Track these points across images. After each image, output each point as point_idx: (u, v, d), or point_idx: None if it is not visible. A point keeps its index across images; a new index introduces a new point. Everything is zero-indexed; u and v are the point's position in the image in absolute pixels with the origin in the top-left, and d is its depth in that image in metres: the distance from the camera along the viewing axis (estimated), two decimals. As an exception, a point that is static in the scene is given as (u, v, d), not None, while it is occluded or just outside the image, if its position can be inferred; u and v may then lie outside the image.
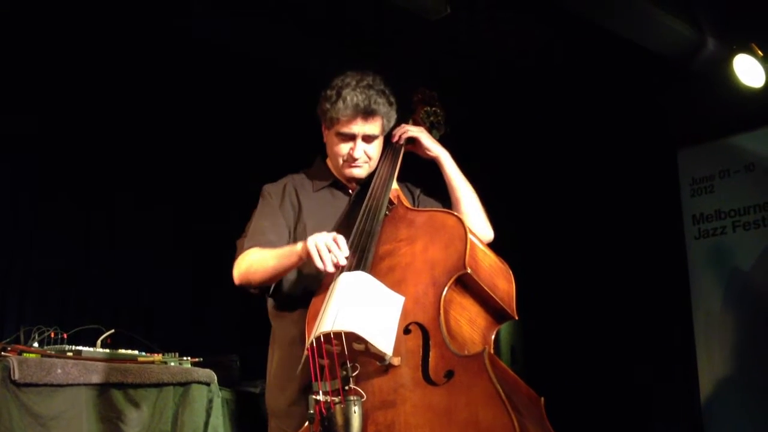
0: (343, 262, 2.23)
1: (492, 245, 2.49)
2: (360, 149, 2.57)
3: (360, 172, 2.63)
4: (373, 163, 2.64)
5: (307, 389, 2.19)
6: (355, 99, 2.50)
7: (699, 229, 5.63)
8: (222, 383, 3.84)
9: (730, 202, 5.49)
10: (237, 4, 4.61)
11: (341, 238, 2.25)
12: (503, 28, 4.98)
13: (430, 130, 2.82)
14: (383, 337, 2.11)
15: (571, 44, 5.09)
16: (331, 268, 2.22)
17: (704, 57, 4.90)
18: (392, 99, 2.59)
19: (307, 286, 2.46)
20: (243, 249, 2.52)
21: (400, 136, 2.73)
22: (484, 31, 4.98)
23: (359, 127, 2.54)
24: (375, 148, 2.61)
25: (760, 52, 4.72)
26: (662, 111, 5.56)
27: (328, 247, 2.22)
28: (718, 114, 5.32)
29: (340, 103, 2.50)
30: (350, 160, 2.59)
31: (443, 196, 2.72)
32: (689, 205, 5.70)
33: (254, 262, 2.45)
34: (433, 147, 2.71)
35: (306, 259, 2.29)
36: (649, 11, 4.64)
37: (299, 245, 2.32)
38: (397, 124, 2.74)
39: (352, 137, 2.56)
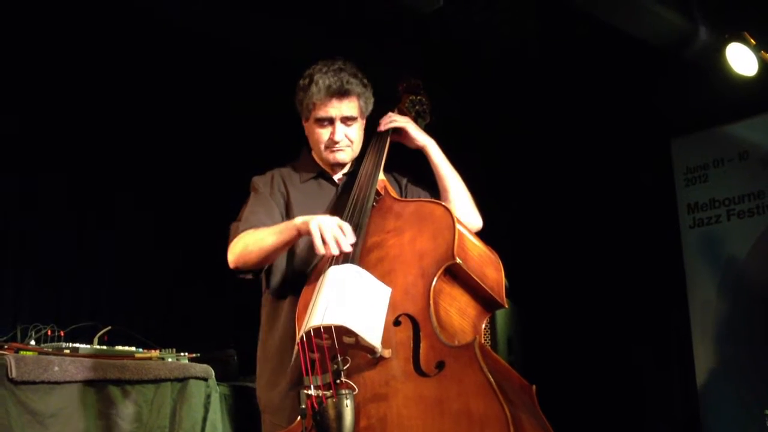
0: (348, 249, 2.22)
1: (487, 235, 2.49)
2: (340, 131, 2.57)
3: (343, 156, 2.63)
4: (356, 147, 2.65)
5: (298, 383, 2.20)
6: (327, 81, 2.51)
7: (694, 218, 5.65)
8: (220, 378, 3.84)
9: (724, 191, 5.50)
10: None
11: (347, 225, 2.25)
12: (496, 20, 4.98)
13: (415, 119, 2.81)
14: (373, 330, 2.11)
15: (564, 35, 5.09)
16: (335, 251, 2.21)
17: (697, 46, 4.89)
18: (366, 81, 2.60)
19: (296, 280, 2.46)
20: (237, 231, 2.52)
21: (386, 125, 2.71)
22: (477, 23, 4.98)
23: (335, 109, 2.54)
24: (355, 131, 2.61)
25: (752, 41, 4.71)
26: (655, 100, 5.56)
27: (333, 233, 2.21)
28: (712, 103, 5.32)
29: (313, 87, 2.52)
30: (331, 145, 2.60)
31: (431, 185, 2.71)
32: (684, 194, 5.72)
33: (250, 243, 2.44)
34: (420, 137, 2.70)
35: (305, 234, 2.29)
36: (641, 1, 4.64)
37: (298, 220, 2.32)
38: (384, 113, 2.75)
39: (330, 121, 2.56)
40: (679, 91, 5.37)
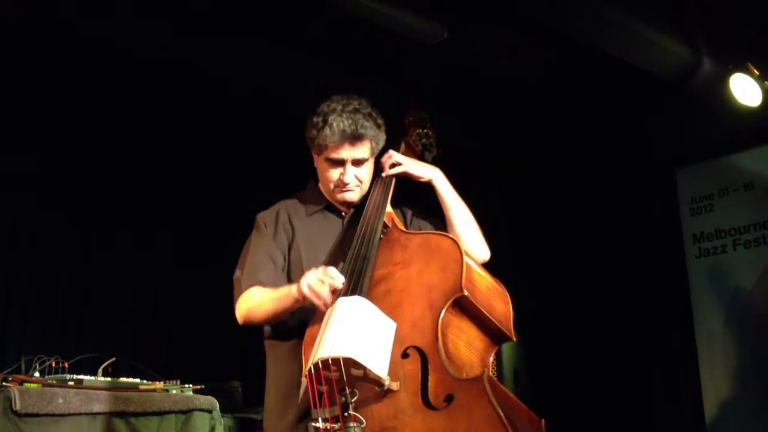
0: (339, 285, 2.22)
1: (493, 267, 2.47)
2: (350, 174, 2.56)
3: (352, 195, 2.61)
4: (365, 186, 2.63)
5: (305, 416, 2.18)
6: (341, 125, 2.48)
7: (699, 248, 5.63)
8: (224, 410, 3.82)
9: (730, 221, 5.50)
10: (231, 26, 4.63)
11: (331, 268, 2.25)
12: (499, 52, 5.01)
13: (422, 152, 2.81)
14: (382, 362, 2.10)
15: (567, 66, 5.11)
16: (330, 304, 2.21)
17: (701, 77, 4.91)
18: (380, 121, 2.58)
19: (303, 311, 2.43)
20: (240, 286, 2.52)
21: (387, 171, 2.66)
22: (480, 54, 5.01)
23: (348, 152, 2.52)
24: (366, 171, 2.60)
25: (756, 71, 4.73)
26: (660, 131, 5.58)
27: (320, 281, 2.21)
28: (716, 133, 5.33)
29: (327, 130, 2.49)
30: (341, 185, 2.58)
31: (438, 215, 2.69)
32: (689, 224, 5.71)
33: (254, 306, 2.46)
34: (424, 173, 2.66)
35: (303, 301, 2.28)
36: (645, 32, 4.66)
37: (294, 288, 2.31)
38: (391, 146, 2.74)
39: (341, 162, 2.55)
40: (684, 122, 5.38)
